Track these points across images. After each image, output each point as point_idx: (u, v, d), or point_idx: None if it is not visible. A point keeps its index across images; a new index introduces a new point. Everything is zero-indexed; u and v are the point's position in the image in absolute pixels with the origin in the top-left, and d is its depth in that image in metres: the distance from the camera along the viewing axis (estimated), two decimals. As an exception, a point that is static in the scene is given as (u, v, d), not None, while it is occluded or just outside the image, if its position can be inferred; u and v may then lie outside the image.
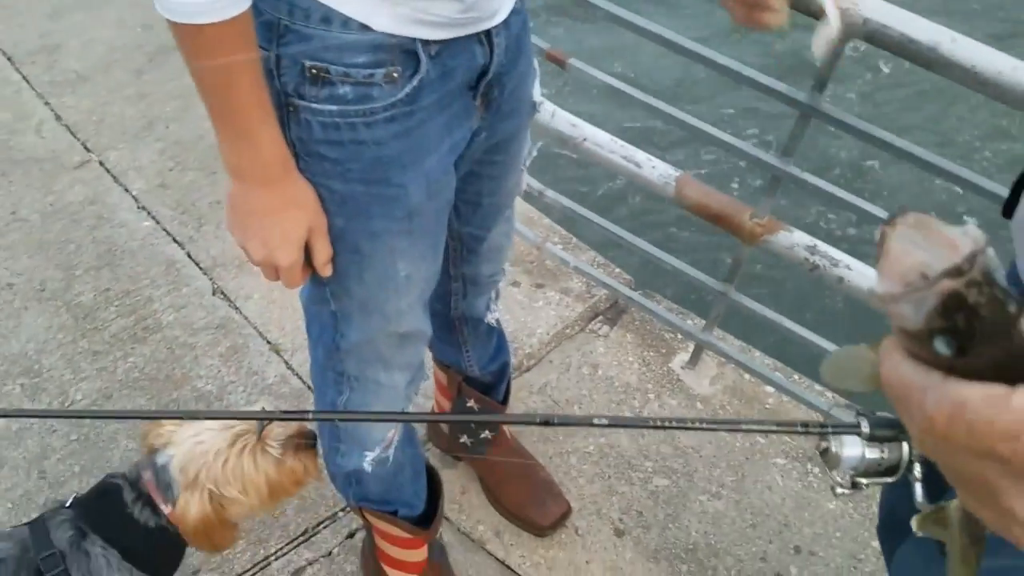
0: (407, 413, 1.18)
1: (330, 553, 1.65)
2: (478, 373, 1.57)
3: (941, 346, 0.36)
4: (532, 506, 1.69)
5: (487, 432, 1.66)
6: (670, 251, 1.94)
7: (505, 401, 1.65)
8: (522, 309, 2.10)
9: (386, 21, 0.85)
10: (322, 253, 0.98)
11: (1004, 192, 0.83)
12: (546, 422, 1.13)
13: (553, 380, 1.98)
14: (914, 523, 0.47)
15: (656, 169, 1.74)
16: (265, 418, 1.20)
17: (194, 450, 1.21)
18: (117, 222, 2.24)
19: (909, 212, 0.39)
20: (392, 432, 1.29)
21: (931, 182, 2.63)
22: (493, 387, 1.61)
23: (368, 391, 1.20)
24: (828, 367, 0.44)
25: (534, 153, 1.35)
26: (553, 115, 1.83)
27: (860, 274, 1.54)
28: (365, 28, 0.85)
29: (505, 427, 1.73)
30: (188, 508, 1.20)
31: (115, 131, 2.48)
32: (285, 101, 0.89)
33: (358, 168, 0.93)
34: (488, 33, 0.97)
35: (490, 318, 1.50)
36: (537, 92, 1.18)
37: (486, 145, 1.13)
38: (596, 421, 1.15)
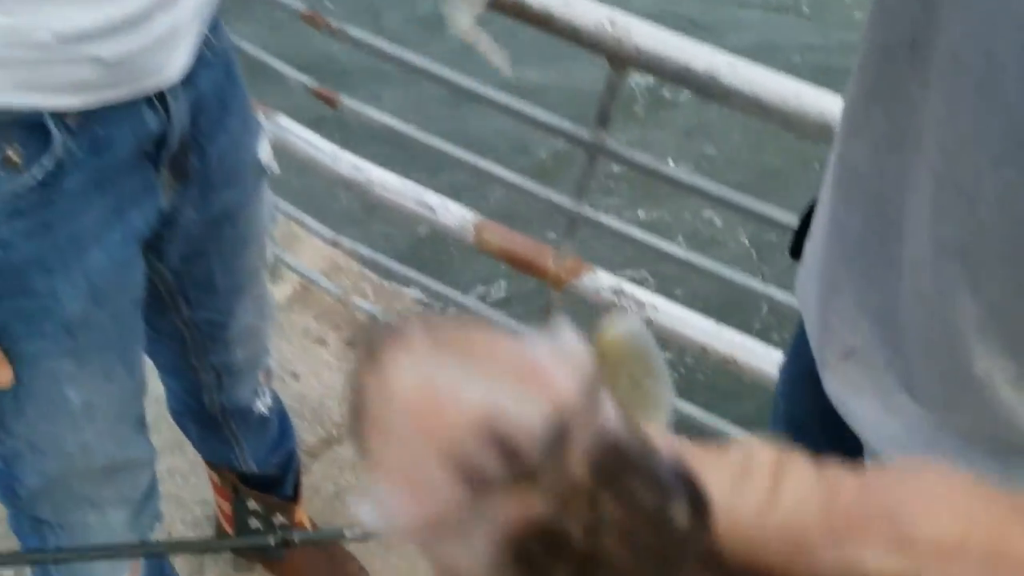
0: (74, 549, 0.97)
1: None
2: (256, 469, 1.36)
3: None
4: None
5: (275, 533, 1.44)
6: (494, 299, 1.79)
7: (295, 496, 1.44)
8: (331, 371, 1.89)
9: None
10: None
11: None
12: (286, 542, 0.94)
13: (367, 450, 1.78)
14: None
15: (451, 212, 1.58)
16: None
17: None
18: None
19: (412, 317, 0.19)
20: (127, 575, 1.06)
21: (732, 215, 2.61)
22: (278, 482, 1.40)
23: (78, 536, 0.97)
24: None
25: (275, 221, 1.16)
26: (335, 158, 1.63)
27: (668, 315, 1.43)
28: None
29: (303, 517, 1.52)
30: None
31: None
32: None
33: None
34: (161, 95, 0.78)
35: (260, 406, 1.29)
36: (265, 153, 1.00)
37: (202, 221, 0.95)
38: (349, 534, 0.97)
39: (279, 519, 1.41)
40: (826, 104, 1.16)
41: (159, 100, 0.79)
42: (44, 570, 1.05)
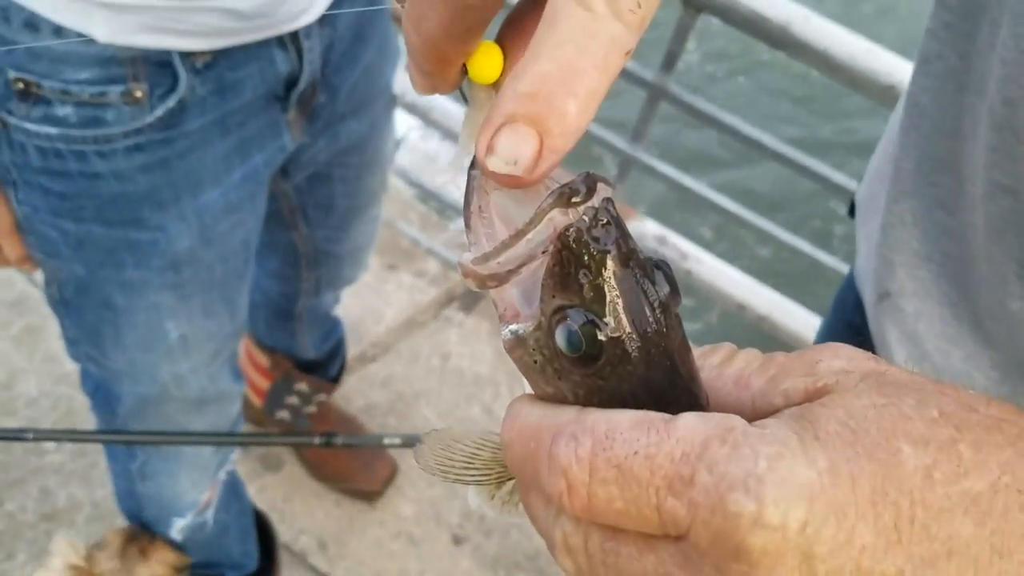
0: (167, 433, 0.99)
1: (124, 568, 1.46)
2: (312, 355, 1.43)
3: (563, 340, 0.25)
4: (358, 472, 1.56)
5: (312, 407, 1.50)
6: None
7: (338, 378, 1.52)
8: (371, 292, 1.93)
9: (115, 31, 0.66)
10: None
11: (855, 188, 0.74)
12: (327, 443, 0.98)
13: (399, 372, 1.82)
14: None
15: (507, 146, 1.59)
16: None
17: None
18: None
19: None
20: (208, 494, 1.11)
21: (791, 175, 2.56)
22: (325, 365, 1.47)
23: (168, 457, 1.02)
24: (426, 461, 0.30)
25: (400, 146, 1.18)
26: (405, 94, 1.65)
27: (711, 268, 1.44)
28: (86, 38, 0.66)
29: (333, 399, 1.58)
30: None
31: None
32: None
33: (93, 206, 0.75)
34: (295, 35, 0.77)
35: (336, 311, 1.37)
36: (398, 80, 1.01)
37: (329, 152, 0.95)
38: (387, 440, 1.00)
39: (320, 398, 1.47)
40: (897, 67, 1.14)
41: (292, 40, 0.77)
42: (131, 486, 1.07)
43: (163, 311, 0.84)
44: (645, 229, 1.49)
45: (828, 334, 0.80)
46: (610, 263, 0.24)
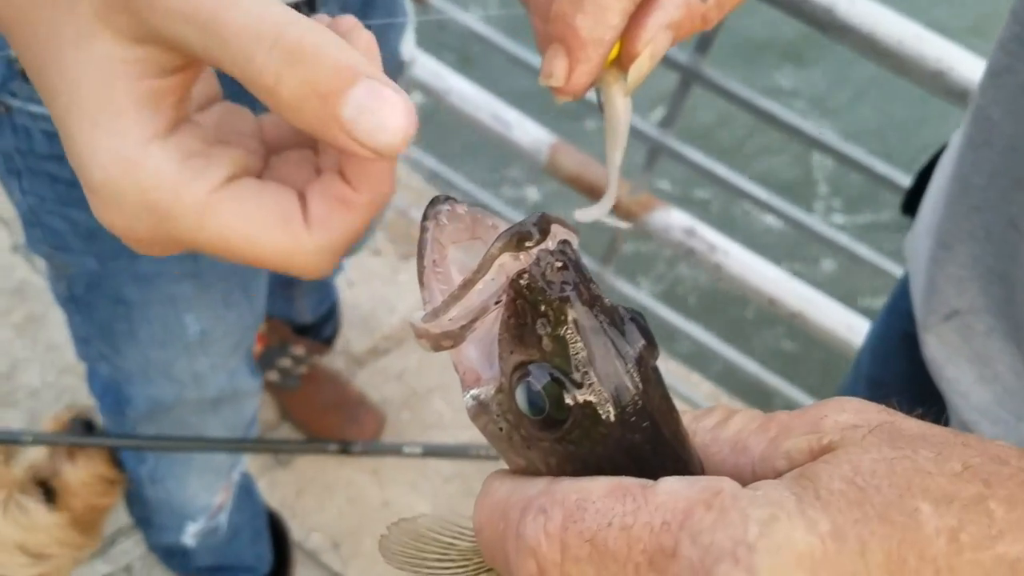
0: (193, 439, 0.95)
1: (129, 567, 1.42)
2: (309, 319, 1.43)
3: (524, 400, 0.23)
4: (349, 425, 1.57)
5: (303, 367, 1.49)
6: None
7: (332, 340, 1.52)
8: (383, 283, 1.88)
9: None
10: None
11: (905, 182, 0.69)
12: (344, 450, 0.93)
13: (413, 365, 1.78)
14: None
15: (528, 133, 1.53)
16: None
17: None
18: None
19: (457, 201, 0.26)
20: (221, 496, 1.07)
21: (829, 168, 2.49)
22: (319, 327, 1.48)
23: (178, 460, 0.98)
24: (391, 557, 0.29)
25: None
26: (414, 61, 1.59)
27: (739, 261, 1.39)
28: None
29: (322, 362, 1.57)
30: None
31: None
32: None
33: None
34: (311, 4, 0.73)
35: (337, 276, 1.37)
36: (408, 47, 0.98)
37: None
38: (407, 450, 0.95)
39: (314, 360, 1.48)
40: (947, 53, 1.09)
41: (308, 7, 0.72)
42: (140, 490, 1.03)
43: (180, 303, 0.80)
44: (672, 220, 1.44)
45: (880, 344, 0.75)
46: (570, 311, 0.22)
